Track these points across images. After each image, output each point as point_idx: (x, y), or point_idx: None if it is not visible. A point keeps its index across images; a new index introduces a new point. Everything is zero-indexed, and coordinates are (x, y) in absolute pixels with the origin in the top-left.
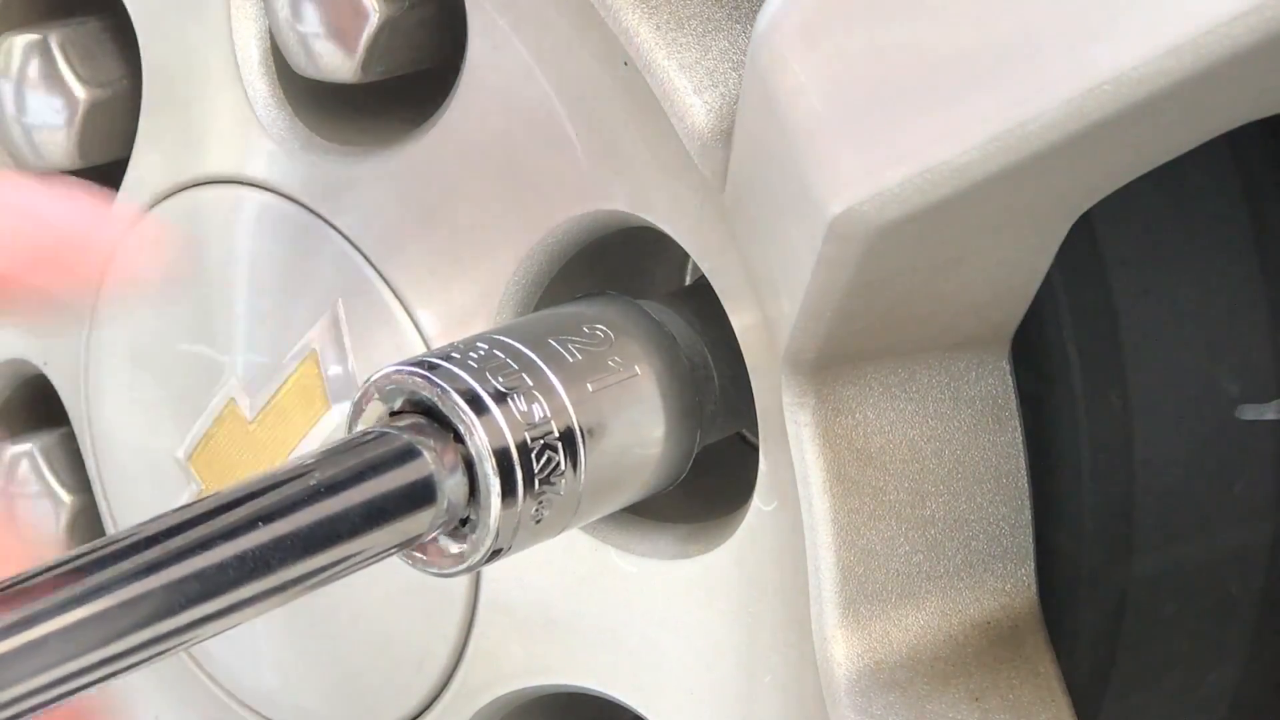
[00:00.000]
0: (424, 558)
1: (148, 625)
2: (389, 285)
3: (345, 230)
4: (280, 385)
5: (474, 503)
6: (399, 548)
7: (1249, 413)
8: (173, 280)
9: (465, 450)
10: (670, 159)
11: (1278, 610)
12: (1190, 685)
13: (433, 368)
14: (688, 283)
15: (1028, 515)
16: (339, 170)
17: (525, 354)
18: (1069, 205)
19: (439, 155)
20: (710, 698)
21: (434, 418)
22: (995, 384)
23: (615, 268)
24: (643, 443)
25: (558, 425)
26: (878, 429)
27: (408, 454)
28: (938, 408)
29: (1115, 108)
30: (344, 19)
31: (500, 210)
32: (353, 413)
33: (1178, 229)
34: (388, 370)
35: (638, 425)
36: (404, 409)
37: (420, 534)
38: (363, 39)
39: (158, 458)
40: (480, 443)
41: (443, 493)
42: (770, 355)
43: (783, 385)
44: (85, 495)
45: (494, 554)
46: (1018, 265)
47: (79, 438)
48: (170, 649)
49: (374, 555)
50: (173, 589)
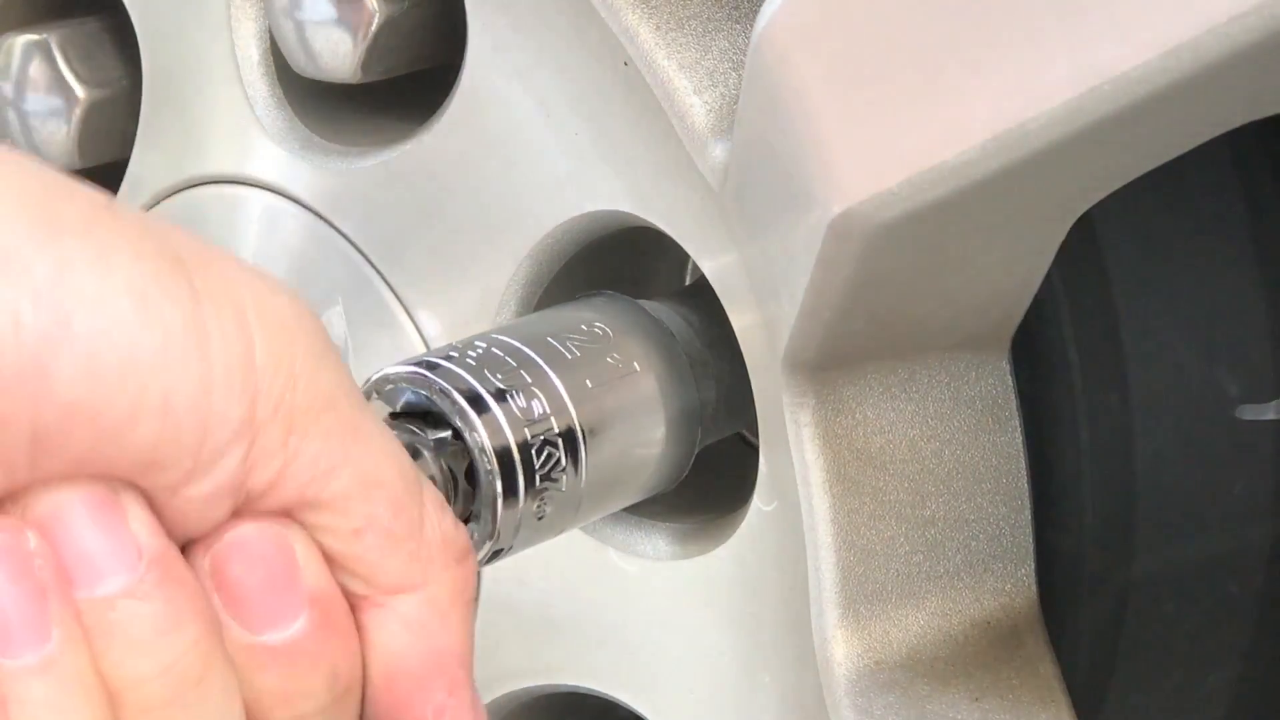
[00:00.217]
0: None
1: None
2: (389, 285)
3: (345, 230)
4: None
5: (475, 501)
6: None
7: (1249, 413)
8: None
9: (466, 449)
10: (670, 159)
11: (1278, 610)
12: (1190, 685)
13: (433, 367)
14: (688, 283)
15: (1028, 515)
16: (339, 170)
17: (524, 352)
18: (1069, 205)
19: (439, 155)
20: (710, 698)
21: (434, 417)
22: (995, 384)
23: (615, 268)
24: (643, 441)
25: (558, 422)
26: (878, 429)
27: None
28: (938, 408)
29: (1115, 108)
30: (344, 19)
31: (500, 210)
32: None
33: (1178, 229)
34: (388, 370)
35: (638, 423)
36: (405, 409)
37: None
38: (363, 39)
39: None
40: (481, 441)
41: (444, 492)
42: (770, 355)
43: (783, 385)
44: None
45: (496, 553)
46: (1018, 265)
47: None
48: None
49: None
50: None
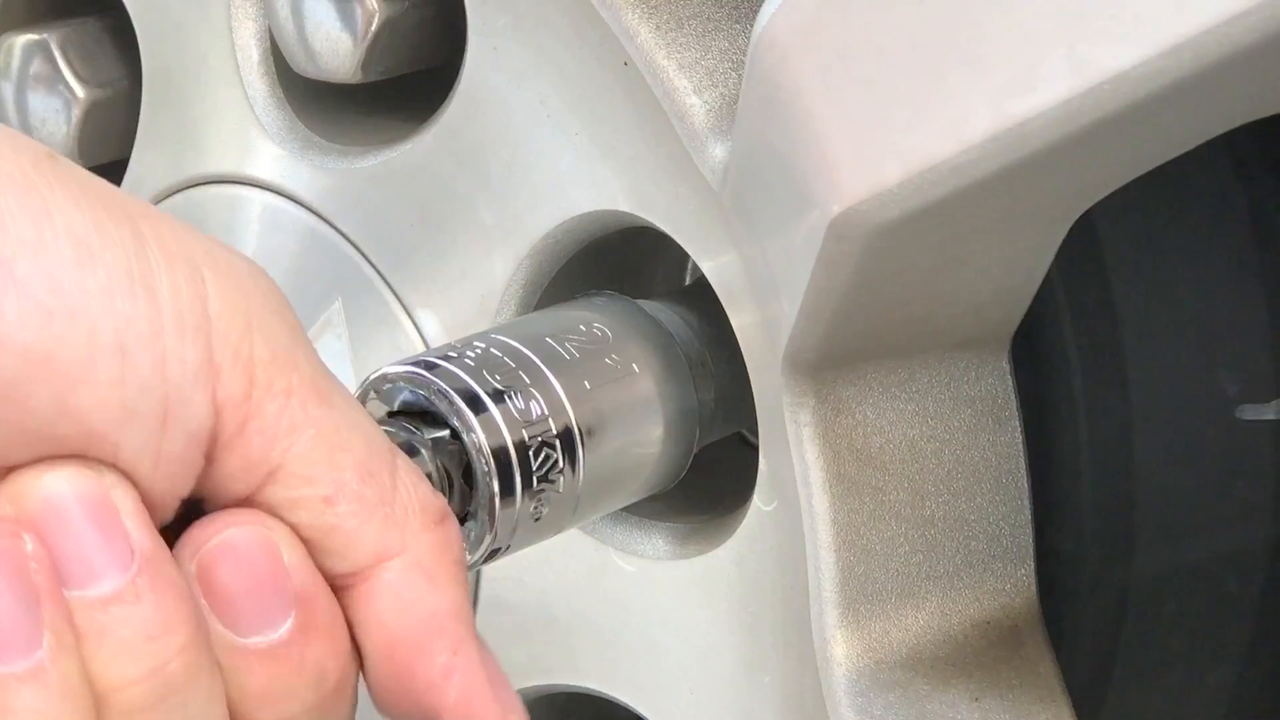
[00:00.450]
0: None
1: None
2: (389, 285)
3: (345, 230)
4: None
5: (473, 501)
6: None
7: (1249, 413)
8: None
9: (463, 449)
10: (670, 159)
11: (1277, 610)
12: (1190, 685)
13: (431, 367)
14: (688, 283)
15: (1028, 515)
16: (339, 170)
17: (523, 353)
18: (1069, 205)
19: (439, 155)
20: (710, 698)
21: (432, 416)
22: (995, 384)
23: (615, 268)
24: (641, 441)
25: (555, 423)
26: (878, 429)
27: (406, 453)
28: (938, 408)
29: (1115, 108)
30: (344, 19)
31: (500, 210)
32: None
33: (1178, 229)
34: (386, 369)
35: (636, 423)
36: (402, 408)
37: None
38: (363, 39)
39: None
40: (478, 441)
41: (440, 490)
42: (770, 355)
43: (783, 385)
44: None
45: (493, 553)
46: (1018, 265)
47: None
48: None
49: None
50: None
